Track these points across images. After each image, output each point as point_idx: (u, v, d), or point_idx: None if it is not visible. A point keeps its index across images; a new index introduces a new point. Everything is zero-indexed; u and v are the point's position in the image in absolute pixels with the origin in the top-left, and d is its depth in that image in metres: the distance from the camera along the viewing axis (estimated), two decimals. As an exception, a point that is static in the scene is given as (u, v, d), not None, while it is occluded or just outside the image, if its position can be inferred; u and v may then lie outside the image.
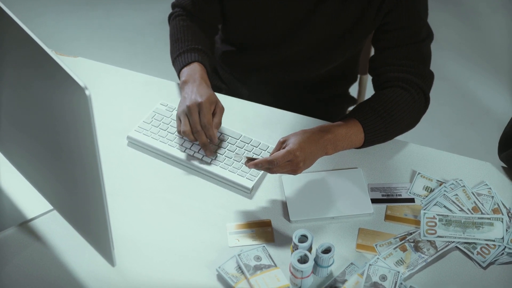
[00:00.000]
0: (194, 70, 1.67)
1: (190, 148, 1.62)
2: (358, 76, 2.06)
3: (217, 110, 1.61)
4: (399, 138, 1.67)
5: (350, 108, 2.07)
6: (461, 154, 1.66)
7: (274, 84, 1.89)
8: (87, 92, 1.05)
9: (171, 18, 1.82)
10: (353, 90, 2.08)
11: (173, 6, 1.83)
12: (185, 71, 1.68)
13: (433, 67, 1.71)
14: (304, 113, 1.76)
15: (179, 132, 1.60)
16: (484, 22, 3.38)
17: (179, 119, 1.60)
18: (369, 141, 1.60)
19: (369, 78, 2.07)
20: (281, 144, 1.51)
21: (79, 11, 3.37)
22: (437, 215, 1.50)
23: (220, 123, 1.61)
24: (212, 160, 1.60)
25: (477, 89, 3.08)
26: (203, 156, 1.60)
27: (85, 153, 1.14)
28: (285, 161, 1.47)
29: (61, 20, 3.32)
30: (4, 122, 1.39)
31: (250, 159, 1.49)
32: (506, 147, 1.61)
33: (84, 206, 1.28)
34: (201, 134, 1.57)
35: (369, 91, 1.88)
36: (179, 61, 1.71)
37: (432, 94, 1.71)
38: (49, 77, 1.12)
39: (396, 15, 1.64)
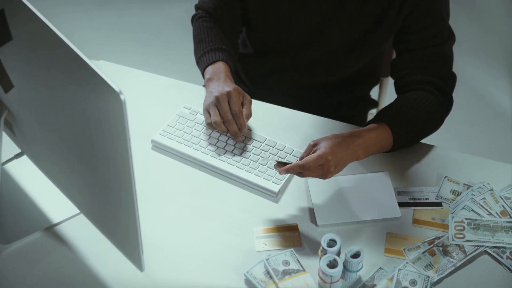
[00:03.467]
0: (218, 68, 1.67)
1: (215, 152, 1.61)
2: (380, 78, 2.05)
3: (246, 101, 1.61)
4: (425, 141, 1.66)
5: (372, 111, 2.07)
6: (478, 156, 1.65)
7: (295, 87, 1.89)
8: (122, 97, 1.05)
9: (194, 19, 1.83)
10: (374, 93, 2.07)
11: (196, 8, 1.84)
12: (210, 69, 1.67)
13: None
14: (325, 116, 1.75)
15: (208, 124, 1.59)
16: (498, 24, 3.37)
17: (207, 111, 1.60)
18: (397, 145, 1.59)
19: (390, 81, 2.06)
20: (312, 147, 1.50)
21: (91, 11, 3.37)
22: (466, 219, 1.49)
23: (250, 114, 1.61)
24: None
25: (492, 91, 3.07)
26: (228, 160, 1.60)
27: (117, 157, 1.14)
28: (317, 165, 1.46)
29: (74, 21, 3.32)
30: (32, 124, 1.38)
31: (280, 164, 1.48)
32: None
33: (114, 210, 1.27)
34: (232, 123, 1.57)
35: (390, 94, 1.87)
36: (203, 60, 1.71)
37: (451, 96, 1.71)
38: (82, 81, 1.11)
39: (417, 17, 1.63)
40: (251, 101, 1.62)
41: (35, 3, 1.17)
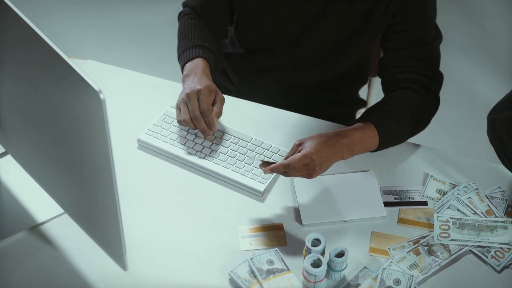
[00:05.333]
0: (197, 64, 1.67)
1: (201, 151, 1.61)
2: (368, 78, 2.05)
3: (217, 99, 1.61)
4: (411, 140, 1.66)
5: (360, 110, 2.07)
6: (469, 156, 1.65)
7: (284, 86, 1.89)
8: (101, 96, 1.05)
9: (180, 16, 1.83)
10: (362, 92, 2.07)
11: (183, 5, 1.84)
12: (188, 65, 1.68)
13: (440, 68, 1.70)
14: (314, 115, 1.75)
15: (179, 121, 1.60)
16: (490, 23, 3.37)
17: (178, 108, 1.61)
18: (383, 144, 1.59)
19: (378, 80, 2.06)
20: (297, 147, 1.50)
21: (83, 11, 3.37)
22: (451, 218, 1.49)
23: (220, 112, 1.61)
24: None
25: (484, 90, 3.07)
26: (213, 159, 1.60)
27: (98, 156, 1.14)
28: (302, 164, 1.46)
29: (65, 21, 3.32)
30: (15, 124, 1.38)
31: (265, 163, 1.48)
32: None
33: (97, 209, 1.27)
34: (200, 120, 1.57)
35: (378, 93, 1.87)
36: (183, 57, 1.71)
37: (440, 95, 1.71)
38: (63, 80, 1.11)
39: (404, 16, 1.63)
40: (223, 100, 1.62)
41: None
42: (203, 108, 1.57)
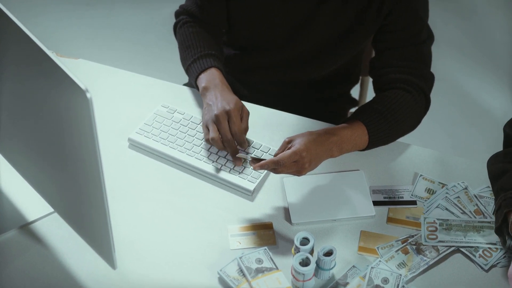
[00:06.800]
0: (213, 75, 1.65)
1: (191, 150, 1.61)
2: (360, 77, 2.05)
3: (244, 115, 1.59)
4: (401, 140, 1.67)
5: (352, 110, 2.07)
6: (462, 155, 1.66)
7: (276, 85, 1.89)
8: (88, 95, 1.05)
9: (177, 26, 1.80)
10: (355, 92, 2.07)
11: (178, 14, 1.82)
12: (203, 77, 1.65)
13: (433, 66, 1.71)
14: (306, 114, 1.76)
15: (207, 140, 1.57)
16: (483, 21, 3.38)
17: (206, 127, 1.57)
18: (373, 143, 1.59)
19: (370, 80, 2.06)
20: (287, 144, 1.50)
21: (79, 10, 3.37)
22: (437, 219, 1.49)
23: (247, 128, 1.59)
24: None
25: (477, 89, 3.08)
26: (203, 158, 1.60)
27: (86, 155, 1.14)
28: (291, 161, 1.46)
29: (60, 20, 3.32)
30: (4, 124, 1.38)
31: (255, 160, 1.49)
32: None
33: (85, 208, 1.27)
34: (232, 143, 1.55)
35: (371, 93, 1.88)
36: (194, 68, 1.68)
37: (432, 94, 1.72)
38: (50, 79, 1.12)
39: (396, 17, 1.64)
40: (248, 114, 1.60)
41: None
42: (234, 130, 1.55)
